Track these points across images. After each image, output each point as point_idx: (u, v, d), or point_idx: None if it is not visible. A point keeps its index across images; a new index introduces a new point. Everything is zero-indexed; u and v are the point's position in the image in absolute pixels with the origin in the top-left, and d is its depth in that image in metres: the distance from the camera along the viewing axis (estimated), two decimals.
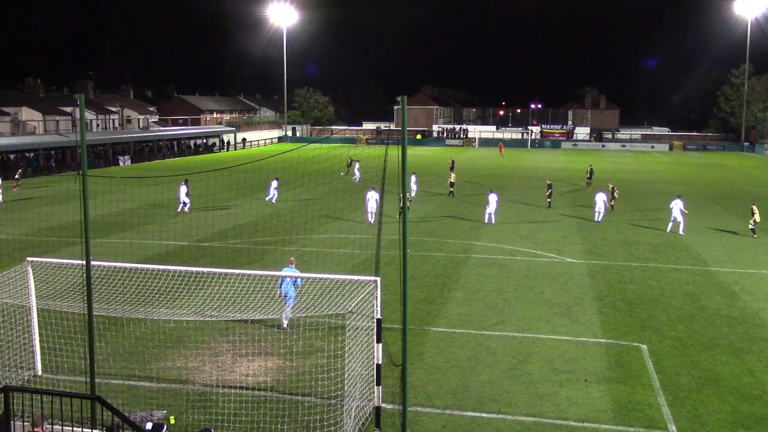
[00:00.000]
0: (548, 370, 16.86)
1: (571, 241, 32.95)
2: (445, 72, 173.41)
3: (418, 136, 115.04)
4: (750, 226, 34.08)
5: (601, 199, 38.58)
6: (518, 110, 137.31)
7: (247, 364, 16.89)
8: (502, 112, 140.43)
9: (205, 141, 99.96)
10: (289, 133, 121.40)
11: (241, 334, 18.31)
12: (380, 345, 13.57)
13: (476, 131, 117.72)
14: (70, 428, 11.93)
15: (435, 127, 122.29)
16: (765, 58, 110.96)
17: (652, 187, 55.87)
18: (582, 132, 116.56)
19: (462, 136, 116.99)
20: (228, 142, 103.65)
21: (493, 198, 37.31)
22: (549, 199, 43.25)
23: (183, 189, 40.39)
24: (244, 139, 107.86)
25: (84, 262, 13.24)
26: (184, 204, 40.35)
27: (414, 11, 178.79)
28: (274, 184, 44.65)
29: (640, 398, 15.37)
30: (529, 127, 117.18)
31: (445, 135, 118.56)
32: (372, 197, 36.00)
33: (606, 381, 16.29)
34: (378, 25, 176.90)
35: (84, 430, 12.50)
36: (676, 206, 34.96)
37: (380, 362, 13.60)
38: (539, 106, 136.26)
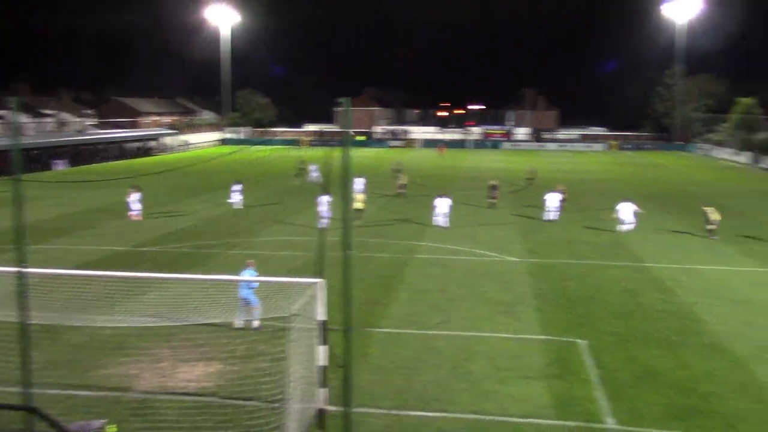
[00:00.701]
0: (491, 368, 17.09)
1: (513, 240, 33.44)
2: (387, 74, 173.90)
3: (361, 138, 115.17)
4: (710, 227, 33.69)
5: (556, 198, 39.09)
6: (459, 111, 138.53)
7: (189, 370, 16.66)
8: (443, 113, 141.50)
9: (144, 144, 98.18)
10: (231, 136, 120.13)
11: (183, 340, 18.03)
12: (324, 347, 13.55)
13: (418, 132, 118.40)
14: None
15: (377, 129, 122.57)
16: (697, 59, 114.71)
17: (591, 187, 57.07)
18: (522, 132, 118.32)
19: (404, 137, 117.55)
20: (168, 145, 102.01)
21: (443, 202, 36.78)
22: (493, 200, 43.63)
23: (135, 195, 38.40)
24: (185, 142, 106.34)
25: (18, 270, 12.87)
26: (135, 211, 38.46)
27: (355, 12, 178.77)
28: (237, 187, 42.99)
29: (580, 393, 15.70)
30: (469, 128, 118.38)
31: (387, 136, 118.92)
32: (323, 201, 34.74)
33: (546, 377, 16.59)
34: (320, 27, 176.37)
35: None
36: (624, 209, 35.05)
37: (324, 364, 13.58)
38: (480, 107, 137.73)
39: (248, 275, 19.16)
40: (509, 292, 24.06)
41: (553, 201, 39.00)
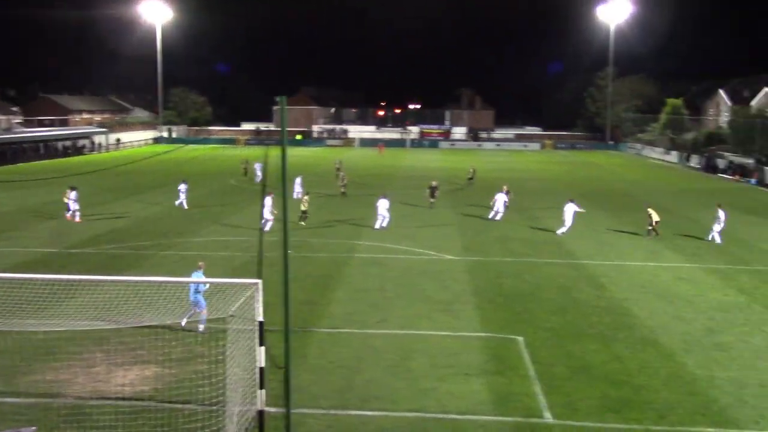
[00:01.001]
0: (430, 366, 17.20)
1: (451, 238, 33.73)
2: (325, 72, 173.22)
3: (299, 137, 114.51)
4: (648, 227, 34.54)
5: (502, 199, 39.37)
6: (397, 110, 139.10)
7: (123, 374, 16.27)
8: (381, 112, 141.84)
9: (74, 143, 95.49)
10: (166, 134, 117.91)
11: (117, 343, 17.58)
12: (263, 348, 13.42)
13: (356, 131, 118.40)
14: None
15: (315, 128, 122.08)
16: (628, 61, 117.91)
17: (526, 185, 57.98)
18: (459, 132, 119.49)
19: (342, 136, 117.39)
20: (100, 144, 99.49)
21: (383, 203, 36.09)
22: (432, 200, 43.77)
23: (72, 194, 37.05)
24: (118, 140, 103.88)
25: None
26: (73, 211, 37.07)
27: (291, 11, 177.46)
28: (183, 187, 41.74)
29: (518, 389, 15.94)
30: (408, 128, 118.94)
31: (325, 135, 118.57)
32: (267, 203, 33.64)
33: (485, 374, 16.79)
34: (257, 25, 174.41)
35: None
36: (569, 210, 35.16)
37: (263, 365, 13.45)
38: (418, 106, 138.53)
39: (198, 278, 18.91)
40: (448, 290, 24.26)
41: (499, 201, 39.33)
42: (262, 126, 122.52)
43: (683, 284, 25.54)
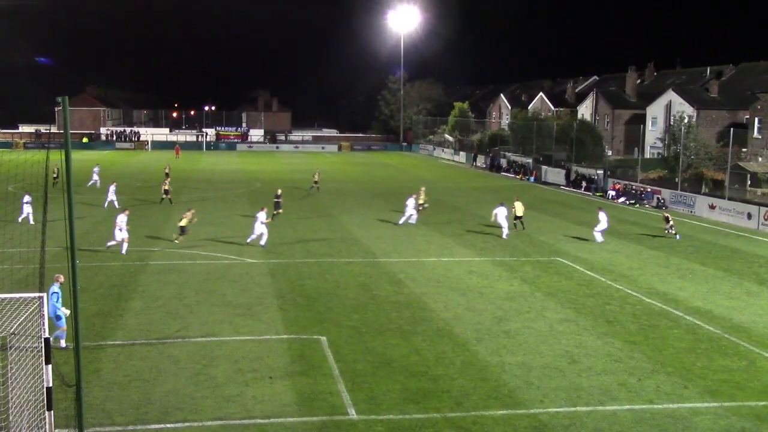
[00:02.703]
0: (233, 372, 16.88)
1: (251, 241, 33.30)
2: (112, 73, 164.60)
3: (85, 140, 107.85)
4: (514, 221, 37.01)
5: (411, 204, 38.77)
6: (192, 112, 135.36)
7: None
8: (175, 114, 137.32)
9: None
10: None
11: None
12: (50, 366, 12.45)
13: (149, 134, 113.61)
14: None
15: (103, 130, 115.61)
16: (416, 67, 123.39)
17: (324, 186, 58.68)
18: (256, 134, 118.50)
19: (134, 139, 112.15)
20: None
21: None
22: (278, 211, 39.61)
23: None
24: None
25: None
26: None
27: (72, 6, 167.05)
28: (26, 198, 36.73)
29: (322, 388, 16.06)
30: (203, 130, 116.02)
31: (114, 138, 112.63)
32: (122, 220, 30.00)
33: (290, 375, 16.75)
34: (32, 20, 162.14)
35: None
36: (500, 213, 35.55)
37: (50, 385, 12.47)
38: (213, 108, 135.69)
39: (55, 292, 18.07)
40: (249, 294, 23.95)
41: (410, 205, 38.62)
42: (43, 128, 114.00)
43: (474, 277, 27.07)
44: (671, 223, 36.65)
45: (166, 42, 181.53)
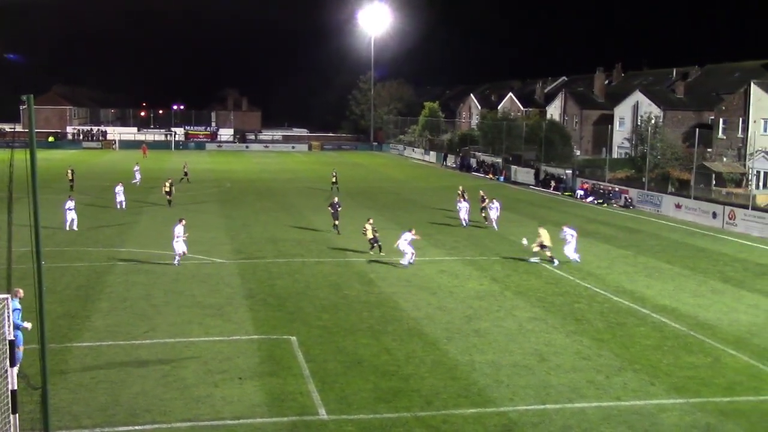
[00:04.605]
0: (203, 372, 16.76)
1: (220, 241, 33.13)
2: (78, 71, 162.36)
3: (51, 139, 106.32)
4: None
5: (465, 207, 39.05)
6: (160, 111, 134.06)
7: None
8: (143, 113, 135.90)
9: None
10: None
11: None
12: (14, 369, 12.25)
13: (116, 133, 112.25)
14: None
15: (70, 129, 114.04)
16: (385, 67, 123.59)
17: (294, 186, 58.56)
18: (226, 133, 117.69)
19: (101, 138, 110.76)
20: None
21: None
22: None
23: None
24: None
25: None
26: None
27: (37, 3, 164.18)
28: (71, 204, 35.39)
29: (292, 388, 16.00)
30: (172, 129, 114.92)
31: (81, 137, 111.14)
32: (179, 232, 28.08)
33: (259, 376, 16.67)
34: (1, 17, 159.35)
35: None
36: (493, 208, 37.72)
37: (15, 388, 12.28)
38: (182, 107, 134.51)
39: (15, 306, 16.34)
40: (219, 294, 23.79)
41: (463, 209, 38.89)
42: (8, 127, 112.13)
43: (445, 276, 27.16)
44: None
45: (135, 41, 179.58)
